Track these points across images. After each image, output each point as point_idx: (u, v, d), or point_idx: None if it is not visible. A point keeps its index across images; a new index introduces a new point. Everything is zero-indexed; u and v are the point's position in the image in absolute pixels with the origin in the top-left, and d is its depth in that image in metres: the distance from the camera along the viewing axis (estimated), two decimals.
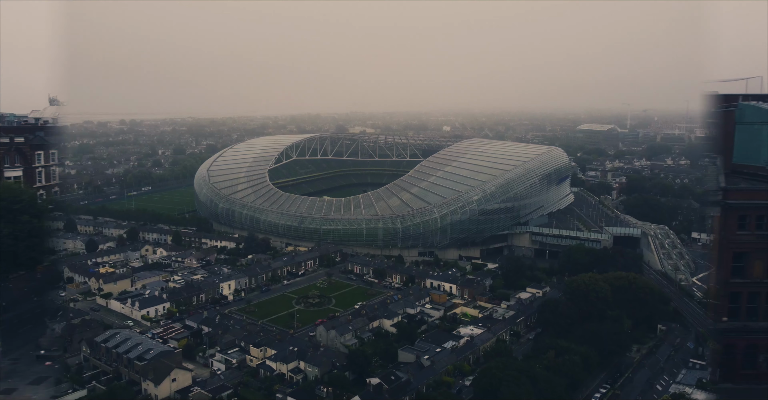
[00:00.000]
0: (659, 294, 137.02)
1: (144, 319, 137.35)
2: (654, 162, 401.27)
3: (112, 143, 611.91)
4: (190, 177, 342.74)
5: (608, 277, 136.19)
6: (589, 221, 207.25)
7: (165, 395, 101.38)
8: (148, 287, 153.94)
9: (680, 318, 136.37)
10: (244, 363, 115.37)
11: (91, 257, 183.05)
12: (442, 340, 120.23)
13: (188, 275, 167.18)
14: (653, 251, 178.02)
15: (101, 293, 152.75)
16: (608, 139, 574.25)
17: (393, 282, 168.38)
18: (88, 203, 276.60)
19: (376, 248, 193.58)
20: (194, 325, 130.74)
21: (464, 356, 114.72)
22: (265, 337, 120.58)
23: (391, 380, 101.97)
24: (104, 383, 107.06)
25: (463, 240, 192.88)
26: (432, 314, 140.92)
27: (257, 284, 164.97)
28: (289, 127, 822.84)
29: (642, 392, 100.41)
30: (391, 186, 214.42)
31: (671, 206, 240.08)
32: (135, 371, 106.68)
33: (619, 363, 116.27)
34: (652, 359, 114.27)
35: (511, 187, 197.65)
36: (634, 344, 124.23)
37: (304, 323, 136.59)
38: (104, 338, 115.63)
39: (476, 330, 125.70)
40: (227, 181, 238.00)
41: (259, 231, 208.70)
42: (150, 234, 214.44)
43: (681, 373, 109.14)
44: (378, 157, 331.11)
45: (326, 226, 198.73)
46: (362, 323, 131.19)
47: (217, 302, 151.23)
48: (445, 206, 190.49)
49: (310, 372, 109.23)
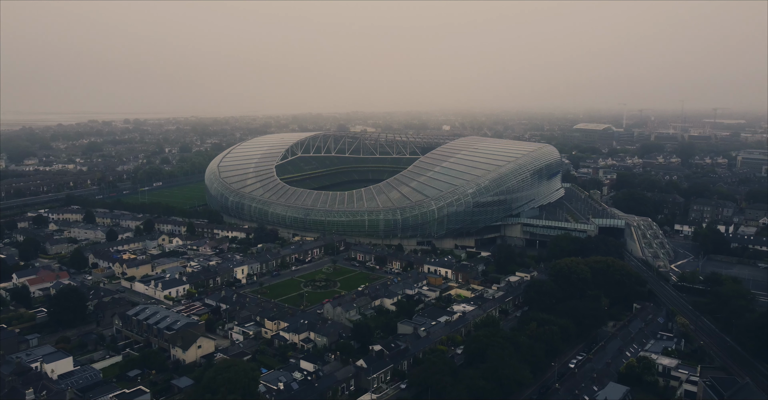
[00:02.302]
0: (636, 277, 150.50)
1: (166, 298, 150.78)
2: (646, 160, 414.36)
3: (119, 141, 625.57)
4: (198, 173, 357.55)
5: (589, 261, 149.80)
6: (578, 214, 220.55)
7: (192, 360, 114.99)
8: (168, 272, 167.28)
9: (654, 298, 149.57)
10: (259, 335, 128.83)
11: (112, 246, 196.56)
12: (437, 315, 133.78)
13: (204, 261, 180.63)
14: (635, 241, 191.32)
15: (125, 277, 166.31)
16: (603, 138, 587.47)
17: (393, 268, 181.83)
18: (103, 198, 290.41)
19: (377, 238, 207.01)
20: (213, 303, 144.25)
21: (457, 328, 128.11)
22: (278, 312, 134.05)
23: (392, 348, 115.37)
24: (137, 350, 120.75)
25: (459, 230, 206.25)
26: (428, 294, 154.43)
27: (268, 269, 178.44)
28: (291, 126, 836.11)
29: (612, 358, 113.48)
30: (392, 180, 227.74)
31: (657, 201, 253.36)
32: (164, 340, 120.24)
33: (596, 335, 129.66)
34: (625, 331, 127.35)
35: (503, 182, 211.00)
36: (611, 321, 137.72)
37: (312, 303, 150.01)
38: (135, 312, 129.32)
39: (468, 307, 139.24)
40: (237, 176, 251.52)
41: (267, 223, 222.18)
42: (165, 225, 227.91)
43: (650, 343, 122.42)
44: (379, 154, 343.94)
45: (331, 217, 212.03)
46: (365, 301, 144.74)
47: (232, 284, 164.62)
48: (442, 199, 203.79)
49: (320, 341, 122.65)
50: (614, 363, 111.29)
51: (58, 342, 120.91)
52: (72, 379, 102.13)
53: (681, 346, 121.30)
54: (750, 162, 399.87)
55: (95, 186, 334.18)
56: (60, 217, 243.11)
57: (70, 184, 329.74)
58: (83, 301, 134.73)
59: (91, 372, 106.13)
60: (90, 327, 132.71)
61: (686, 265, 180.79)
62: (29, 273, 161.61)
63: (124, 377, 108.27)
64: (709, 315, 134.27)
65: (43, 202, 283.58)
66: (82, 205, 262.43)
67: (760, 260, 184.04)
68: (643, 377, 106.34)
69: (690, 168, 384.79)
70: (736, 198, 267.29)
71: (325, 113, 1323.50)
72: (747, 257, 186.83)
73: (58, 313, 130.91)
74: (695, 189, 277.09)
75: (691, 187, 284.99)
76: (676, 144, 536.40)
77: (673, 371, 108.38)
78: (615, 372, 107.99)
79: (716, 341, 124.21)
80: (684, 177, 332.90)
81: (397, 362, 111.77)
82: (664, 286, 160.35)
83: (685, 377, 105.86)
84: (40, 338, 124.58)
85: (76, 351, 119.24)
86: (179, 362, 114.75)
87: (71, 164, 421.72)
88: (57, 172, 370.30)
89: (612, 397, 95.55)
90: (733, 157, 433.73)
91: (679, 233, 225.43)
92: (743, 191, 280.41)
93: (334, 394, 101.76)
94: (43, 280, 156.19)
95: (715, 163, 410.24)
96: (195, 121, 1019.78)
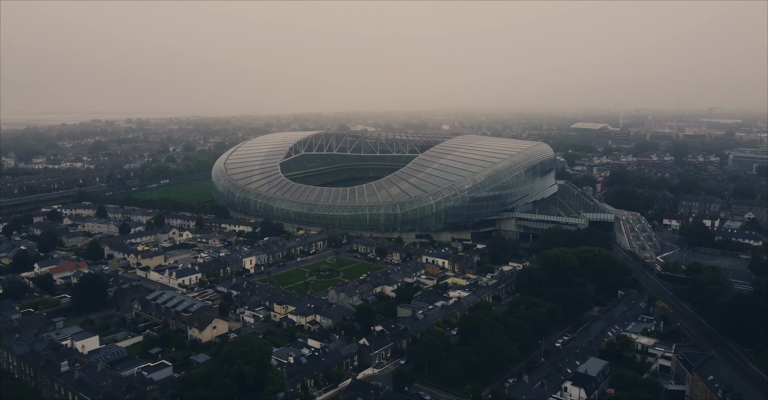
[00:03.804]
0: (621, 265, 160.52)
1: (180, 286, 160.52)
2: (640, 158, 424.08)
3: (124, 141, 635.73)
4: (204, 171, 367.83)
5: (576, 251, 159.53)
6: (570, 209, 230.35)
7: (208, 339, 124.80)
8: (180, 262, 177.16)
9: (638, 286, 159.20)
10: (269, 318, 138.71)
11: (125, 239, 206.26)
12: (434, 300, 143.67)
13: (213, 253, 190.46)
14: (624, 234, 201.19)
15: (140, 267, 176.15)
16: (600, 137, 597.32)
17: (393, 259, 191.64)
18: (113, 194, 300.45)
19: (378, 232, 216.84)
20: (224, 290, 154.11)
21: (452, 312, 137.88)
22: (286, 297, 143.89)
23: (392, 328, 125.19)
24: (156, 331, 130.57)
25: (456, 224, 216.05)
26: (426, 282, 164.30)
27: (274, 260, 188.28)
28: (293, 125, 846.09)
29: (595, 337, 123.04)
30: (392, 177, 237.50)
31: (647, 197, 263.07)
32: (182, 321, 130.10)
33: (582, 319, 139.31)
34: (608, 314, 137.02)
35: (498, 178, 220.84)
36: (597, 306, 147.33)
37: (316, 290, 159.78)
38: (153, 297, 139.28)
39: (463, 294, 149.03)
40: (242, 173, 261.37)
41: (272, 218, 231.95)
42: (174, 220, 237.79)
43: (631, 324, 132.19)
44: (379, 152, 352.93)
45: (333, 212, 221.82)
46: (367, 288, 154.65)
47: (241, 274, 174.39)
48: (439, 194, 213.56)
49: (325, 323, 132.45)
50: (596, 342, 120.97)
51: (82, 324, 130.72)
52: (99, 354, 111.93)
53: (660, 327, 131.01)
54: (741, 160, 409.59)
55: (104, 183, 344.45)
56: (73, 212, 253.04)
57: (79, 181, 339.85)
58: (105, 287, 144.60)
59: (116, 349, 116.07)
60: (110, 311, 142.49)
61: (671, 256, 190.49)
62: (50, 263, 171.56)
63: (146, 355, 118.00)
64: (687, 300, 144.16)
65: (55, 198, 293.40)
66: (93, 201, 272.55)
67: (742, 252, 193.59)
68: (622, 354, 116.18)
69: (683, 166, 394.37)
70: (724, 194, 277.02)
71: (325, 113, 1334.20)
72: (730, 249, 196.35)
73: (82, 298, 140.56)
74: (685, 186, 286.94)
75: (680, 184, 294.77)
76: (670, 143, 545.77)
77: (651, 349, 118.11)
78: (597, 349, 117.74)
79: (692, 323, 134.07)
80: (676, 175, 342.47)
81: (396, 341, 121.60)
82: (648, 275, 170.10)
83: (660, 354, 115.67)
84: (65, 320, 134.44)
85: (100, 332, 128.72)
86: (196, 341, 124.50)
87: (79, 163, 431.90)
88: (66, 171, 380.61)
89: (592, 370, 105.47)
90: (725, 155, 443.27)
91: (667, 227, 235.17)
92: (731, 188, 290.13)
93: (339, 368, 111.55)
94: (64, 269, 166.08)
95: (707, 161, 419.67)
96: (197, 121, 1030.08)
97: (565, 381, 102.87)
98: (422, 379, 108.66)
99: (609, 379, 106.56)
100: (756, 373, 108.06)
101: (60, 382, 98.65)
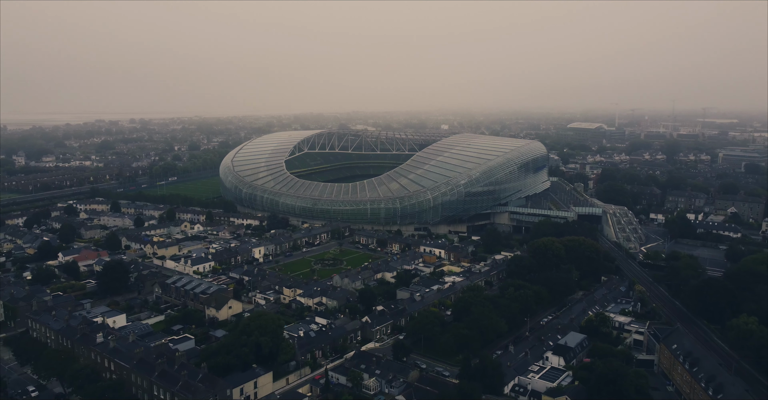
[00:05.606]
0: (605, 253, 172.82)
1: (195, 273, 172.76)
2: (633, 157, 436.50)
3: (129, 140, 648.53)
4: (210, 169, 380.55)
5: (563, 240, 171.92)
6: (561, 203, 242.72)
7: (224, 318, 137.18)
8: (193, 252, 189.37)
9: (621, 273, 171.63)
10: (279, 300, 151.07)
11: (140, 231, 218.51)
12: (430, 284, 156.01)
13: (224, 243, 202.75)
14: (610, 226, 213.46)
15: (156, 256, 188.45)
16: (595, 136, 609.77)
17: (393, 249, 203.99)
18: (124, 191, 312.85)
19: (378, 225, 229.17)
20: (237, 276, 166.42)
21: (447, 295, 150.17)
22: (294, 282, 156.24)
23: (392, 308, 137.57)
24: (176, 311, 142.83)
25: (452, 218, 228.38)
26: (424, 270, 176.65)
27: (281, 250, 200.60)
28: (294, 125, 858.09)
29: (576, 316, 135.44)
30: (392, 173, 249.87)
31: (636, 192, 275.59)
32: (200, 302, 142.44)
33: (567, 301, 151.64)
34: (590, 297, 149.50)
35: (493, 174, 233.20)
36: (581, 290, 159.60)
37: (322, 277, 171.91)
38: (173, 281, 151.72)
39: (458, 279, 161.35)
40: (249, 170, 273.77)
41: (278, 212, 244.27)
42: (185, 214, 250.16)
43: (610, 305, 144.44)
44: (380, 151, 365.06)
45: (336, 207, 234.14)
46: (368, 274, 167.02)
47: (251, 263, 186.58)
48: (436, 189, 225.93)
49: (330, 304, 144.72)
50: (577, 319, 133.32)
51: (108, 305, 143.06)
52: (128, 330, 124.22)
53: (637, 308, 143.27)
54: (731, 158, 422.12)
55: (114, 180, 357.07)
56: (88, 207, 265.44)
57: (90, 178, 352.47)
58: (127, 273, 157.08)
59: (142, 325, 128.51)
60: (133, 295, 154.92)
61: (655, 247, 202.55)
62: (73, 252, 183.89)
63: (169, 331, 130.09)
64: (664, 284, 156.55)
65: (69, 194, 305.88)
66: (106, 197, 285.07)
67: (721, 243, 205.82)
68: (599, 329, 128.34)
69: (674, 164, 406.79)
70: (709, 190, 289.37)
71: (326, 113, 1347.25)
72: (710, 240, 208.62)
73: (107, 282, 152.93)
74: (672, 182, 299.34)
75: (668, 181, 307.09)
76: (663, 142, 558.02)
77: (627, 326, 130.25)
78: (577, 326, 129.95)
79: (667, 305, 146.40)
80: (665, 172, 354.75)
81: (396, 319, 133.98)
82: (630, 263, 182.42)
83: (635, 330, 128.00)
84: (92, 302, 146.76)
85: (125, 312, 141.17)
86: (214, 320, 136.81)
87: (88, 161, 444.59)
88: (77, 169, 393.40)
89: (571, 342, 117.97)
90: (716, 154, 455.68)
91: (653, 221, 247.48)
92: (717, 184, 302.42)
93: (344, 341, 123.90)
94: (86, 258, 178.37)
95: (698, 159, 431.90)
96: (199, 121, 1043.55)
97: (546, 352, 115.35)
98: (419, 350, 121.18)
99: (587, 350, 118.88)
100: (720, 346, 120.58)
101: (96, 351, 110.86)
